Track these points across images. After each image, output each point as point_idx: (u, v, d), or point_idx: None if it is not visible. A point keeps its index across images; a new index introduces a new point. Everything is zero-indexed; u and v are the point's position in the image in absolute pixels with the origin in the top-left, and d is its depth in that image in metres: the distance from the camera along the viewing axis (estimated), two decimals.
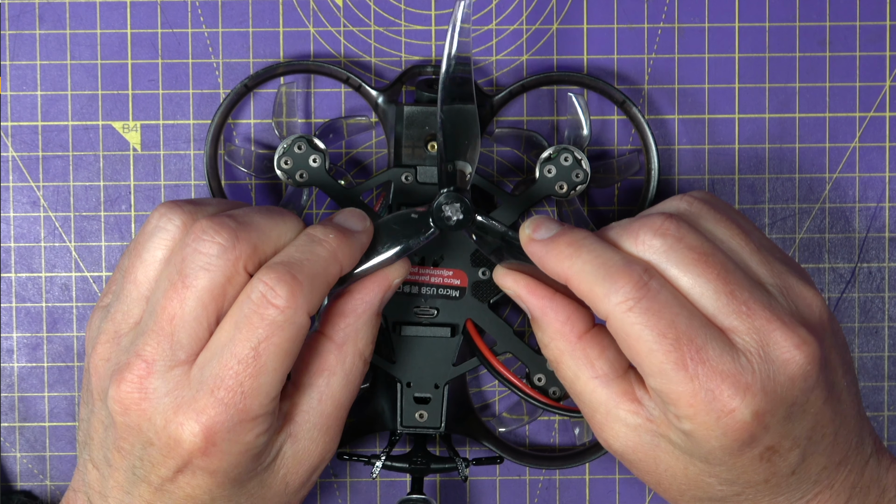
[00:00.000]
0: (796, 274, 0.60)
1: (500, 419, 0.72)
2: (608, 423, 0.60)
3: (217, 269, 0.58)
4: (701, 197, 0.60)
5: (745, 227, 0.60)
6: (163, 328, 0.58)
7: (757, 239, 0.60)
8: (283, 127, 0.70)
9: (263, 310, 0.57)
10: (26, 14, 0.71)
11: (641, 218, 0.59)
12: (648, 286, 0.57)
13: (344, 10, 0.72)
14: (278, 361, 0.58)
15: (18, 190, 0.72)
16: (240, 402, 0.57)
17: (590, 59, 0.72)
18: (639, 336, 0.56)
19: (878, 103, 0.72)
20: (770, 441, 0.57)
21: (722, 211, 0.60)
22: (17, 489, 0.72)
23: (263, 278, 0.57)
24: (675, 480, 0.59)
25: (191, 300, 0.58)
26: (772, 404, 0.56)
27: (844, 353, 0.60)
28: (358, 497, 0.73)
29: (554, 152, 0.69)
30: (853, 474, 0.61)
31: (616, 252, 0.58)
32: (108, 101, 0.72)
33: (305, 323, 0.58)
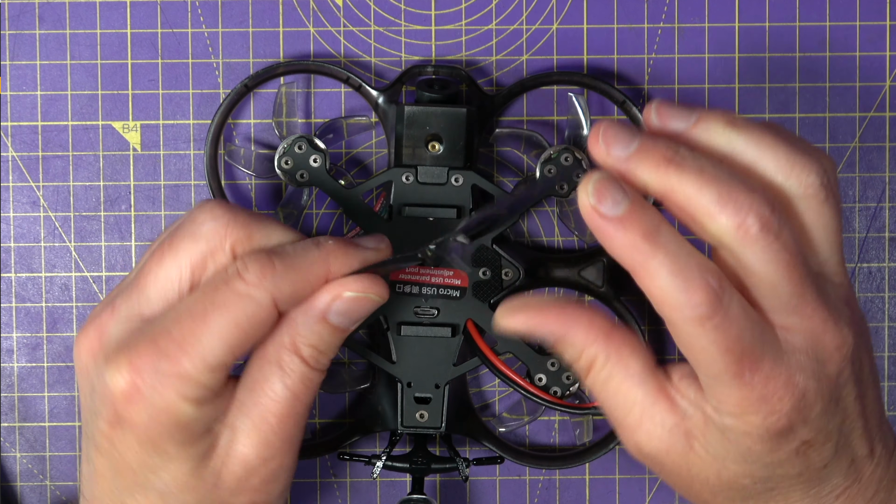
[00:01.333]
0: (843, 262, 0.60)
1: (500, 419, 0.72)
2: (643, 423, 0.58)
3: (203, 239, 0.58)
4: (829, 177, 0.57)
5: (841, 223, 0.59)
6: (137, 282, 0.59)
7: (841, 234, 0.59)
8: (283, 127, 0.70)
9: (230, 280, 0.57)
10: (26, 14, 0.71)
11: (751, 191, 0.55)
12: (722, 302, 0.55)
13: (344, 10, 0.72)
14: (226, 330, 0.57)
15: (18, 190, 0.72)
16: (174, 352, 0.57)
17: (590, 59, 0.72)
18: (703, 348, 0.56)
19: (878, 103, 0.72)
20: (807, 435, 0.57)
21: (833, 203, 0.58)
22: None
23: (242, 258, 0.58)
24: (708, 484, 0.59)
25: (168, 260, 0.58)
26: (812, 401, 0.57)
27: (870, 346, 0.60)
28: (358, 497, 0.73)
29: (554, 152, 0.69)
30: (880, 468, 0.61)
31: (690, 254, 0.56)
32: (108, 101, 0.72)
33: (268, 308, 0.58)
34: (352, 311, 0.59)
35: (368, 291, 0.60)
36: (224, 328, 0.57)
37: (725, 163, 0.56)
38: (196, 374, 0.57)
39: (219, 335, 0.57)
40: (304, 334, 0.59)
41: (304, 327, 0.59)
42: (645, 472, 0.73)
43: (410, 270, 0.67)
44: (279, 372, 0.59)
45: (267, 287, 0.57)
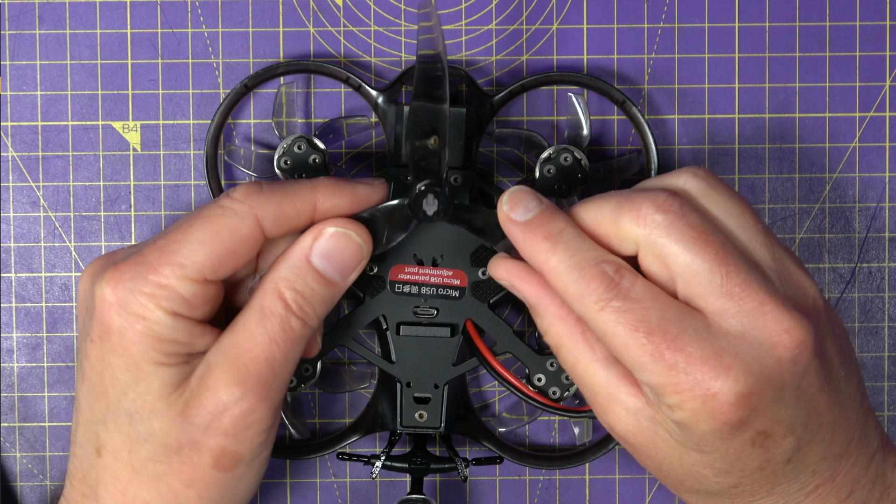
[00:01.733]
0: (794, 260, 0.60)
1: (500, 419, 0.72)
2: (609, 406, 0.60)
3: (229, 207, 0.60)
4: (703, 175, 0.60)
5: (748, 207, 0.60)
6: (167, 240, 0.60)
7: (760, 220, 0.60)
8: (283, 127, 0.70)
9: (218, 199, 0.59)
10: (26, 14, 0.71)
11: (644, 191, 0.59)
12: (619, 286, 0.57)
13: (344, 10, 0.72)
14: (206, 239, 0.58)
15: (18, 190, 0.72)
16: (155, 260, 0.58)
17: (590, 59, 0.72)
18: (613, 333, 0.57)
19: (878, 103, 0.72)
20: (761, 425, 0.57)
21: (724, 190, 0.60)
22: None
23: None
24: (673, 469, 0.60)
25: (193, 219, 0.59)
26: (758, 386, 0.56)
27: (844, 343, 0.60)
28: (358, 497, 0.73)
29: (554, 152, 0.69)
30: (856, 468, 0.60)
31: (590, 249, 0.58)
32: (108, 101, 0.72)
33: (250, 222, 0.58)
34: (334, 253, 0.59)
35: (350, 229, 0.60)
36: (204, 236, 0.58)
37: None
38: (174, 283, 0.58)
39: (198, 243, 0.58)
40: (287, 276, 0.59)
41: (286, 269, 0.59)
42: (645, 473, 0.73)
43: (410, 270, 0.67)
44: (259, 313, 0.59)
45: (251, 205, 0.58)
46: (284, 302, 0.59)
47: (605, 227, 0.59)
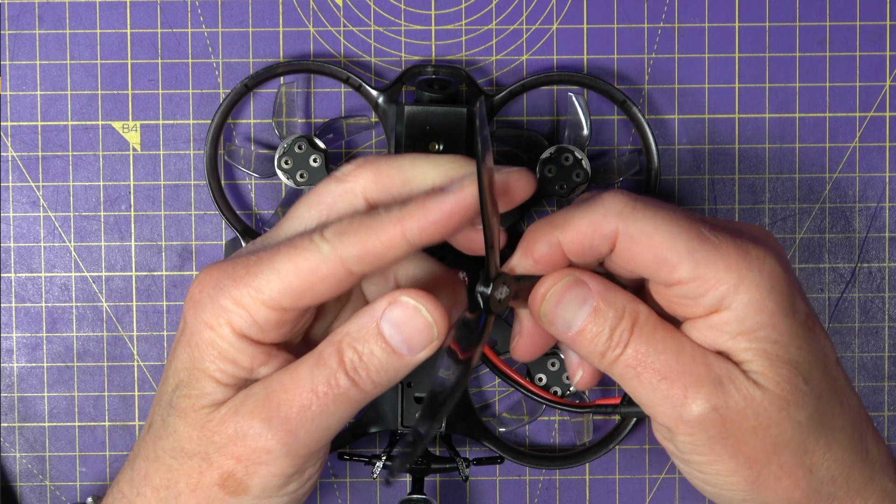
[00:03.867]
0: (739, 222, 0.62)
1: (500, 419, 0.72)
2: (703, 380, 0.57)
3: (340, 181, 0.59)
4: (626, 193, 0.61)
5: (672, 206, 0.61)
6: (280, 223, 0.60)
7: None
8: (283, 127, 0.70)
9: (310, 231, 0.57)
10: (26, 14, 0.71)
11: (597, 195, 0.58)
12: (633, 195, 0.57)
13: (344, 10, 0.72)
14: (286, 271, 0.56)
15: (18, 190, 0.72)
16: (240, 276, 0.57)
17: (590, 59, 0.72)
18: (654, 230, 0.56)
19: (878, 103, 0.72)
20: (803, 305, 0.58)
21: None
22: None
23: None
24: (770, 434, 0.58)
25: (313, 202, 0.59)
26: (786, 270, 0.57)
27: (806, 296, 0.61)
28: (358, 497, 0.73)
29: (554, 152, 0.69)
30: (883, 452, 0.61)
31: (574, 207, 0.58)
32: (108, 101, 0.72)
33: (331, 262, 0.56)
34: (403, 324, 0.57)
35: (422, 304, 0.57)
36: (285, 268, 0.56)
37: None
38: (249, 304, 0.57)
39: (277, 273, 0.56)
40: (353, 335, 0.57)
41: (355, 327, 0.57)
42: (645, 473, 0.73)
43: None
44: (314, 359, 0.58)
45: (334, 243, 0.56)
46: (340, 356, 0.57)
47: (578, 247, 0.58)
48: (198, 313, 0.58)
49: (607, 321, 0.58)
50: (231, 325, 0.57)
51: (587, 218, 0.57)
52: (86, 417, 0.72)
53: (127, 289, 0.72)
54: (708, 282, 0.56)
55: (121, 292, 0.72)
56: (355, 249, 0.56)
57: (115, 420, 0.72)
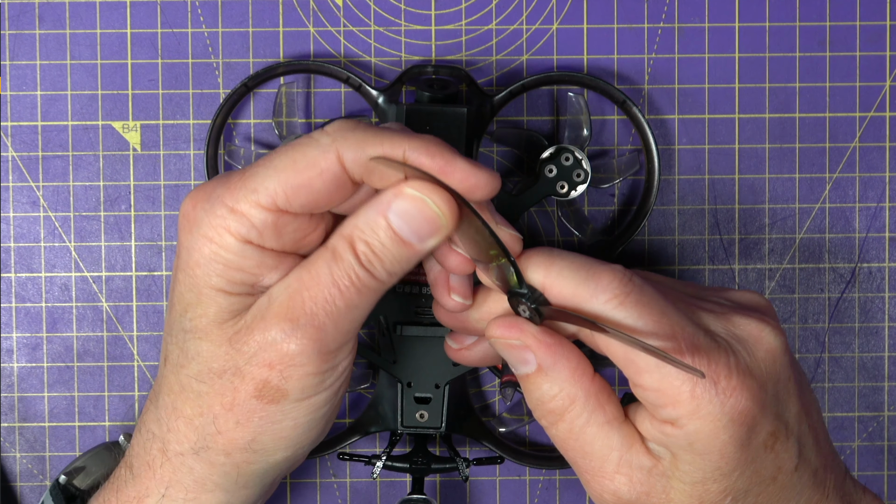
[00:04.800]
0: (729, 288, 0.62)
1: (500, 419, 0.72)
2: (622, 468, 0.58)
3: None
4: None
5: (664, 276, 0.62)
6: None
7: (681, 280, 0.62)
8: (283, 127, 0.70)
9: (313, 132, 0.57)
10: (26, 14, 0.71)
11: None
12: (633, 281, 0.57)
13: (344, 10, 0.72)
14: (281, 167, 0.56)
15: (18, 190, 0.72)
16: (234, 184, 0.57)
17: (590, 59, 0.72)
18: (634, 327, 0.56)
19: (878, 103, 0.72)
20: (770, 425, 0.57)
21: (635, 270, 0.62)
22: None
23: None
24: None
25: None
26: (761, 381, 0.57)
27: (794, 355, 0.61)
28: (358, 497, 0.73)
29: (554, 152, 0.69)
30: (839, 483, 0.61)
31: (590, 258, 0.58)
32: (108, 101, 0.72)
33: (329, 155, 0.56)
34: (410, 215, 0.57)
35: (429, 196, 0.57)
36: (281, 164, 0.56)
37: None
38: (246, 209, 0.57)
39: (274, 170, 0.56)
40: (362, 227, 0.57)
41: (362, 218, 0.57)
42: None
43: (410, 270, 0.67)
44: (329, 254, 0.57)
45: (336, 137, 0.56)
46: (354, 250, 0.57)
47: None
48: (194, 230, 0.57)
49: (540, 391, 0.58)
50: (230, 231, 0.57)
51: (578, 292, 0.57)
52: (86, 417, 0.72)
53: (127, 289, 0.72)
54: (667, 398, 0.56)
55: (121, 292, 0.72)
56: (355, 148, 0.56)
57: (115, 420, 0.72)
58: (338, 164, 0.56)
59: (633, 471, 0.58)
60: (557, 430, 0.59)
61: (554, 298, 0.57)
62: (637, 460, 0.58)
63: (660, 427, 0.57)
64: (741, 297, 0.61)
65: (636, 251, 0.72)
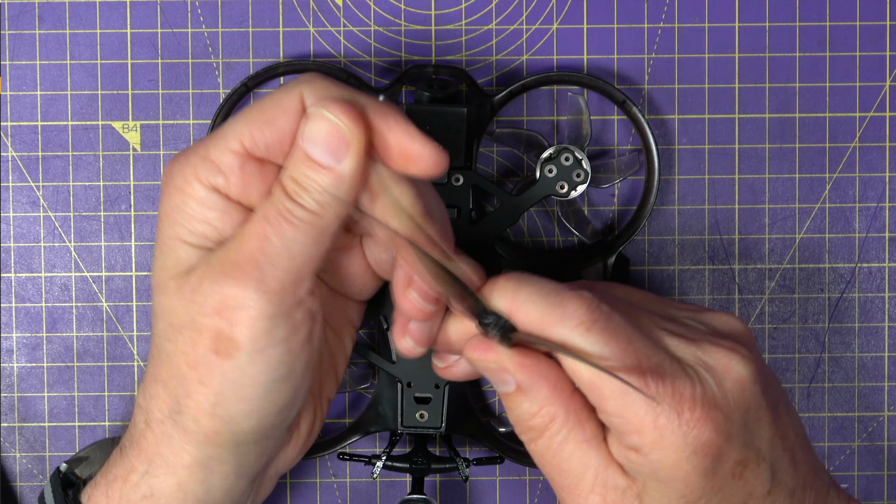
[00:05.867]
0: (704, 308, 0.62)
1: (500, 419, 0.72)
2: (596, 487, 0.58)
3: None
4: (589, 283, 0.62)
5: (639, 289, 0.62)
6: None
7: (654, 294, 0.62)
8: None
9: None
10: (26, 14, 0.71)
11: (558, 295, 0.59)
12: (601, 309, 0.57)
13: (344, 10, 0.72)
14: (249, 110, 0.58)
15: (18, 190, 0.72)
16: (208, 139, 0.58)
17: (590, 59, 0.72)
18: (601, 354, 0.56)
19: (878, 103, 0.72)
20: (737, 454, 0.57)
21: (611, 284, 0.62)
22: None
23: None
24: None
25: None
26: (727, 411, 0.57)
27: (773, 374, 0.61)
28: (358, 497, 0.73)
29: (554, 152, 0.69)
30: (820, 499, 0.61)
31: (558, 283, 0.58)
32: (108, 101, 0.72)
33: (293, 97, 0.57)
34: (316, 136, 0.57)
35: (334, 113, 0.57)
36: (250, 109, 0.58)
37: None
38: (214, 154, 0.57)
39: (244, 115, 0.58)
40: (288, 165, 0.58)
41: (289, 160, 0.58)
42: None
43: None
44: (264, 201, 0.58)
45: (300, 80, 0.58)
46: (283, 188, 0.57)
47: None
48: (168, 183, 0.58)
49: (521, 409, 0.59)
50: (198, 179, 0.58)
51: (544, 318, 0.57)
52: (86, 417, 0.72)
53: (127, 289, 0.72)
54: (631, 425, 0.57)
55: (121, 292, 0.72)
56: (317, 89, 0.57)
57: (115, 420, 0.72)
58: (299, 102, 0.57)
59: (608, 491, 0.58)
60: (536, 447, 0.59)
61: (521, 324, 0.57)
62: (613, 480, 0.58)
63: (625, 453, 0.58)
64: (717, 320, 0.61)
65: (636, 251, 0.72)
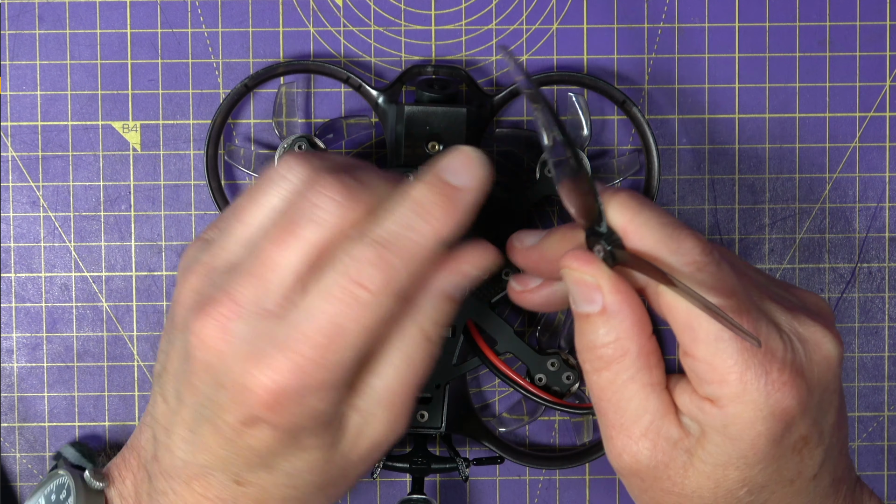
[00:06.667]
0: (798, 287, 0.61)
1: (500, 419, 0.72)
2: (650, 433, 0.58)
3: (326, 224, 0.57)
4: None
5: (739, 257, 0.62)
6: (259, 272, 0.57)
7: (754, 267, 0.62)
8: (283, 127, 0.70)
9: (356, 290, 0.56)
10: (26, 14, 0.71)
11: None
12: (713, 254, 0.56)
13: (344, 10, 0.72)
14: (361, 340, 0.56)
15: (18, 190, 0.72)
16: (315, 371, 0.56)
17: (590, 59, 0.72)
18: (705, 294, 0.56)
19: (878, 103, 0.72)
20: (805, 429, 0.57)
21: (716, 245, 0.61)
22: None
23: (359, 256, 0.56)
24: (701, 499, 0.59)
25: (291, 249, 0.57)
26: (811, 384, 0.57)
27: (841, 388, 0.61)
28: (358, 497, 0.73)
29: None
30: (849, 495, 0.61)
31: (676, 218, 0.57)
32: (108, 101, 0.72)
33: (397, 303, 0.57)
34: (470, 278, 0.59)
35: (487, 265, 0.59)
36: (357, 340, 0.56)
37: None
38: (336, 382, 0.57)
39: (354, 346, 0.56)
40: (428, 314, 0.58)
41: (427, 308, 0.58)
42: None
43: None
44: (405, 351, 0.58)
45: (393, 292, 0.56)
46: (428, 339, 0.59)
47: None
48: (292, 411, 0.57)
49: (596, 335, 0.58)
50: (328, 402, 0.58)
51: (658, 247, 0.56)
52: (86, 417, 0.72)
53: (127, 289, 0.72)
54: (716, 374, 0.56)
55: (121, 292, 0.72)
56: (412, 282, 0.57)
57: (115, 420, 0.72)
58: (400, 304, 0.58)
59: (660, 439, 0.58)
60: (599, 378, 0.58)
61: (634, 244, 0.56)
62: (666, 430, 0.58)
63: (699, 402, 0.57)
64: (807, 298, 0.60)
65: None
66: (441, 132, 0.67)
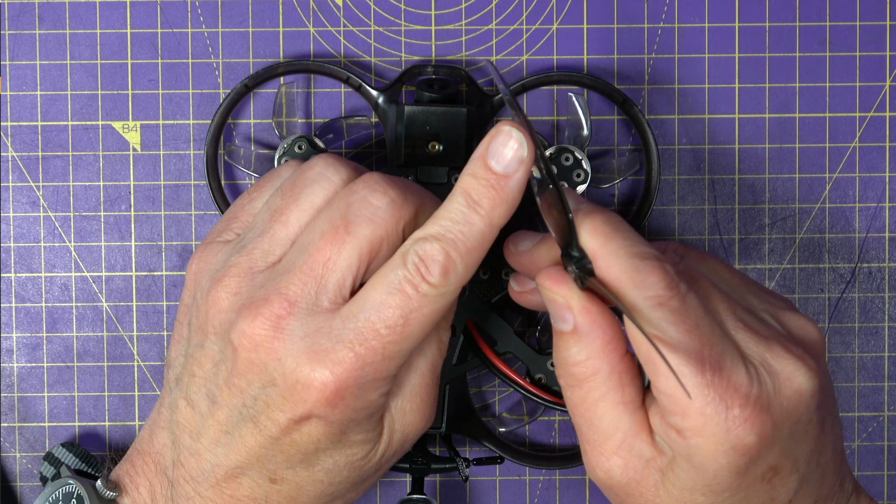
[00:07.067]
0: (787, 305, 0.61)
1: (500, 419, 0.72)
2: (621, 451, 0.58)
3: (381, 222, 0.58)
4: (683, 247, 0.61)
5: (730, 267, 0.61)
6: (313, 270, 0.58)
7: (743, 276, 0.61)
8: (283, 127, 0.70)
9: (418, 282, 0.57)
10: (26, 14, 0.71)
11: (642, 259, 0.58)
12: (678, 288, 0.56)
13: (344, 10, 0.72)
14: (423, 331, 0.58)
15: (18, 190, 0.72)
16: (379, 362, 0.57)
17: (590, 59, 0.72)
18: (663, 331, 0.56)
19: (878, 103, 0.72)
20: (774, 460, 0.57)
21: (706, 255, 0.61)
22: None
23: (419, 250, 0.57)
24: None
25: (349, 247, 0.58)
26: (777, 419, 0.56)
27: (832, 386, 0.60)
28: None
29: (554, 152, 0.69)
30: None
31: (649, 245, 0.57)
32: (108, 101, 0.72)
33: (456, 295, 0.58)
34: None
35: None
36: (420, 331, 0.58)
37: None
38: (394, 373, 0.58)
39: (416, 337, 0.58)
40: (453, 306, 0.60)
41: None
42: None
43: None
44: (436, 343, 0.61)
45: (453, 283, 0.58)
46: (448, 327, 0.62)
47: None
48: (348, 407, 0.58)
49: (568, 353, 0.58)
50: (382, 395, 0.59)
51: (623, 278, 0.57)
52: (86, 417, 0.72)
53: (127, 289, 0.72)
54: (677, 406, 0.56)
55: (121, 292, 0.72)
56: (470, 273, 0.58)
57: (115, 420, 0.72)
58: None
59: (632, 457, 0.58)
60: (572, 394, 0.59)
61: (599, 272, 0.57)
62: (639, 448, 0.58)
63: (666, 429, 0.57)
64: (793, 322, 0.60)
65: None
66: (441, 132, 0.67)
